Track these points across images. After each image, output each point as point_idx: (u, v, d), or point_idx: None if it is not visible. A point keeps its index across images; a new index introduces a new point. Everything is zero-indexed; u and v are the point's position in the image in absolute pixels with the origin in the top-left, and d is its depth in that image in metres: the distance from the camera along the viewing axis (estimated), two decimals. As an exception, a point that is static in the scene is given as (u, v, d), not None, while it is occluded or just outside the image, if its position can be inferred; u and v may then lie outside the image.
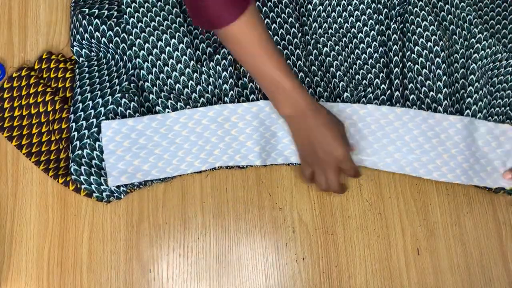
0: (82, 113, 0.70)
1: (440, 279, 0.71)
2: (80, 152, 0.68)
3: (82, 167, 0.68)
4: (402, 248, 0.72)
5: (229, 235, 0.71)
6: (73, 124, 0.70)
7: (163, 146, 0.70)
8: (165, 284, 0.68)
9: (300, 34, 0.77)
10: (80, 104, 0.70)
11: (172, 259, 0.69)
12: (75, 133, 0.69)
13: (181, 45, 0.73)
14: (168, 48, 0.73)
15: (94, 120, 0.69)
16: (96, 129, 0.69)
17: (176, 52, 0.73)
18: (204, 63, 0.74)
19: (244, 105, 0.72)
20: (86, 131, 0.69)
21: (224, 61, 0.74)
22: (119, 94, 0.70)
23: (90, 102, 0.70)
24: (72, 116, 0.70)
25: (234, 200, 0.72)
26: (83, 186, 0.68)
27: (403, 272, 0.71)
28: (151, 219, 0.71)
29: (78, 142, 0.69)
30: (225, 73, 0.73)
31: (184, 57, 0.73)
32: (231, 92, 0.73)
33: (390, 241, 0.72)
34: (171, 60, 0.73)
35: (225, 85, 0.73)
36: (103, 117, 0.69)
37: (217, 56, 0.74)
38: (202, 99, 0.73)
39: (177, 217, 0.71)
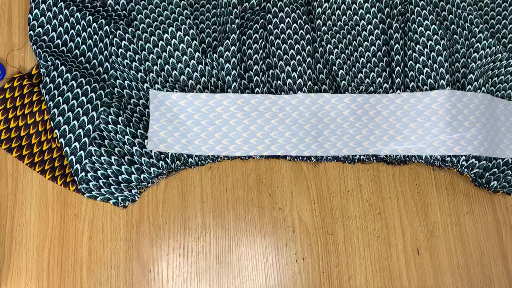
0: (71, 135, 0.69)
1: (440, 279, 0.71)
2: (83, 174, 0.68)
3: (91, 184, 0.68)
4: (402, 248, 0.72)
5: (229, 235, 0.71)
6: (67, 148, 0.69)
7: (202, 125, 0.70)
8: (165, 284, 0.68)
9: (307, 36, 0.77)
10: (66, 126, 0.69)
11: (172, 259, 0.69)
12: (72, 157, 0.68)
13: (187, 37, 0.74)
14: (174, 40, 0.74)
15: (86, 139, 0.69)
16: (90, 147, 0.68)
17: (181, 44, 0.74)
18: (208, 54, 0.75)
19: (285, 96, 0.73)
20: (82, 152, 0.68)
21: (227, 52, 0.74)
22: (102, 108, 0.70)
23: (75, 122, 0.69)
24: (62, 140, 0.69)
25: (234, 200, 0.72)
26: (98, 199, 0.69)
27: (403, 272, 0.71)
28: (151, 219, 0.71)
29: (78, 165, 0.68)
30: (227, 64, 0.74)
31: (190, 49, 0.74)
32: (234, 83, 0.73)
33: (390, 241, 0.72)
34: (176, 52, 0.73)
35: (228, 77, 0.73)
36: (94, 134, 0.68)
37: (220, 48, 0.75)
38: (206, 90, 0.73)
39: (177, 217, 0.71)
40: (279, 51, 0.75)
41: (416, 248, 0.72)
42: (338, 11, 0.81)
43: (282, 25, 0.76)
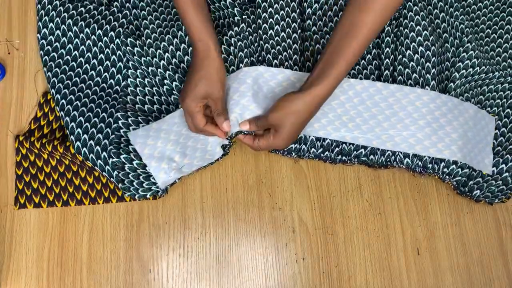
0: (85, 135, 0.70)
1: (440, 279, 0.71)
2: (108, 167, 0.68)
3: (121, 173, 0.68)
4: (402, 248, 0.72)
5: (229, 235, 0.71)
6: (84, 149, 0.69)
7: (193, 137, 0.70)
8: (165, 284, 0.68)
9: (300, 30, 0.78)
10: (79, 129, 0.70)
11: (172, 259, 0.69)
12: (91, 155, 0.68)
13: None
14: (180, 32, 0.75)
15: (106, 141, 0.69)
16: (111, 147, 0.68)
17: (187, 37, 0.74)
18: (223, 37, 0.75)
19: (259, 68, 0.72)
20: (98, 147, 0.69)
21: (235, 37, 0.74)
22: (118, 114, 0.70)
23: (87, 124, 0.71)
24: (77, 143, 0.69)
25: (234, 200, 0.72)
26: (136, 196, 0.69)
27: (403, 272, 0.71)
28: (151, 219, 0.71)
29: (99, 161, 0.68)
30: (240, 42, 0.74)
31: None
32: (246, 59, 0.73)
33: (390, 241, 0.72)
34: (182, 45, 0.74)
35: (240, 53, 0.73)
36: (113, 136, 0.69)
37: (231, 31, 0.75)
38: None
39: (177, 217, 0.71)
40: (270, 41, 0.76)
41: (416, 248, 0.72)
42: (330, 12, 0.80)
43: (271, 19, 0.77)
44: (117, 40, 0.75)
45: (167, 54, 0.74)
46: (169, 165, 0.68)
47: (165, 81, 0.73)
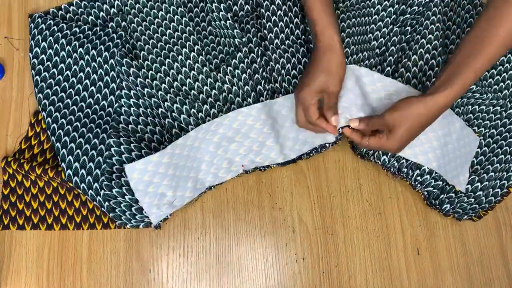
0: (76, 163, 0.68)
1: (440, 279, 0.71)
2: (99, 197, 0.66)
3: (117, 210, 0.67)
4: (402, 248, 0.72)
5: (229, 235, 0.71)
6: (75, 178, 0.67)
7: (188, 167, 0.69)
8: (165, 284, 0.68)
9: (303, 36, 0.78)
10: (70, 157, 0.68)
11: (172, 259, 0.69)
12: (83, 184, 0.67)
13: (193, 53, 0.75)
14: (180, 57, 0.75)
15: (98, 171, 0.67)
16: (103, 178, 0.66)
17: (188, 61, 0.75)
18: (221, 68, 0.75)
19: (257, 106, 0.72)
20: (89, 177, 0.67)
21: (237, 70, 0.74)
22: (111, 140, 0.67)
23: (78, 151, 0.68)
24: (69, 171, 0.67)
25: (234, 200, 0.72)
26: (128, 225, 0.68)
27: (403, 272, 0.71)
28: (151, 219, 0.70)
29: (90, 191, 0.67)
30: (244, 75, 0.74)
31: (197, 64, 0.74)
32: (253, 93, 0.74)
33: (390, 241, 0.72)
34: (184, 68, 0.74)
35: (246, 87, 0.74)
36: (105, 165, 0.66)
37: (234, 60, 0.75)
38: (218, 102, 0.73)
39: (177, 217, 0.71)
40: (274, 54, 0.76)
41: (416, 248, 0.72)
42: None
43: (276, 28, 0.77)
44: (112, 60, 0.73)
45: (168, 77, 0.74)
46: (161, 200, 0.66)
47: (165, 103, 0.71)
